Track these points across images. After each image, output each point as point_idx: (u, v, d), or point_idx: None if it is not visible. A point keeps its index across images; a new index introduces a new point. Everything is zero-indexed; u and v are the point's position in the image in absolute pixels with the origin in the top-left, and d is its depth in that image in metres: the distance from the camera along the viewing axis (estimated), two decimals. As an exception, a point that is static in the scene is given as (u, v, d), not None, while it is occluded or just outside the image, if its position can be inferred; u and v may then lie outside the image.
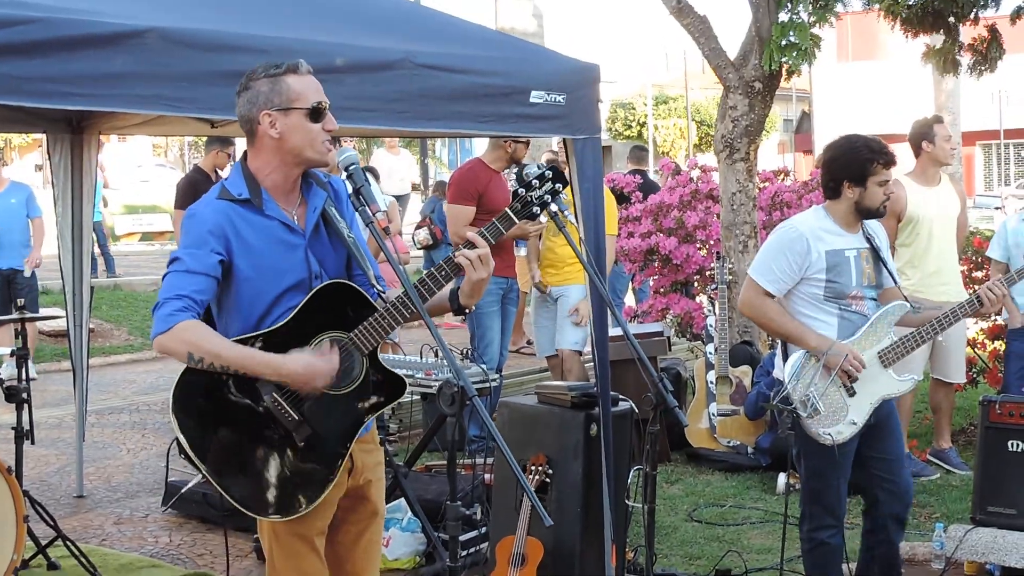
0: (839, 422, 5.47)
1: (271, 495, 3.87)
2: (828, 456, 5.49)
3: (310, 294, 3.91)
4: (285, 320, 3.88)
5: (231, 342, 3.79)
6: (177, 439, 3.82)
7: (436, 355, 7.39)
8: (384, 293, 4.01)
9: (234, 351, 3.76)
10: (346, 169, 3.95)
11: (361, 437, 4.03)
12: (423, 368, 7.19)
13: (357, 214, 4.00)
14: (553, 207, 4.10)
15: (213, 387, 3.80)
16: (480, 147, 48.60)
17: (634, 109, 49.45)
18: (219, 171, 11.30)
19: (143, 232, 32.50)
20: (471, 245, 3.92)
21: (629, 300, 13.58)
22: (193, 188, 11.62)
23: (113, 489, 8.71)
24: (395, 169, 17.74)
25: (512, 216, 3.98)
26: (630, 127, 49.31)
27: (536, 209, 4.01)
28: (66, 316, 8.47)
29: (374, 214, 3.90)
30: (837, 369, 5.39)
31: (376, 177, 11.71)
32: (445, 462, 8.28)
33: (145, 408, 11.52)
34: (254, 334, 3.85)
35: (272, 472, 3.87)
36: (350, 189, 3.96)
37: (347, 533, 4.17)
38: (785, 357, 5.60)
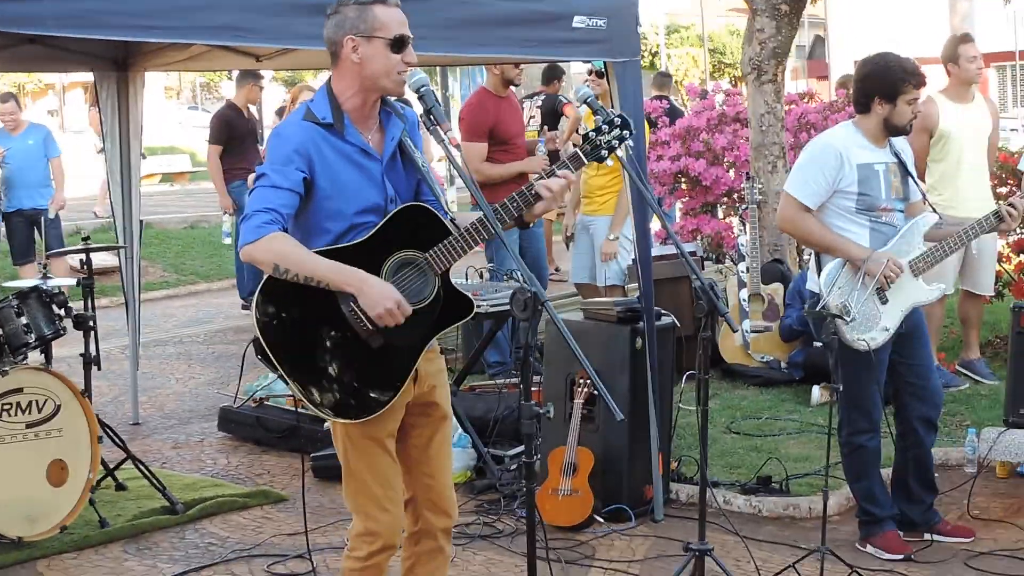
0: (872, 328, 5.71)
1: (343, 398, 4.10)
2: (863, 362, 5.73)
3: (390, 214, 4.14)
4: (364, 237, 4.11)
5: (315, 254, 4.01)
6: (256, 339, 4.03)
7: (481, 276, 7.63)
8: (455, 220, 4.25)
9: (319, 263, 3.99)
10: (417, 91, 4.17)
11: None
12: (469, 290, 7.37)
13: (431, 135, 4.21)
14: (620, 152, 4.33)
15: (295, 293, 4.01)
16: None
17: (646, 38, 49.33)
18: (251, 106, 11.52)
19: (163, 173, 32.70)
20: (550, 173, 4.15)
21: (655, 225, 13.76)
22: (227, 123, 11.88)
23: (167, 416, 9.00)
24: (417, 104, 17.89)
25: (583, 157, 4.22)
26: (643, 56, 49.22)
27: (604, 153, 4.23)
28: (117, 250, 8.74)
29: (445, 132, 4.13)
30: (879, 275, 5.61)
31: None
32: (488, 383, 8.57)
33: (188, 340, 11.81)
34: (333, 247, 4.08)
35: (345, 376, 4.10)
36: (421, 109, 4.18)
37: (419, 436, 4.40)
38: (819, 268, 5.82)
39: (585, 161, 4.22)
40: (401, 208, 4.16)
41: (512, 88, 9.38)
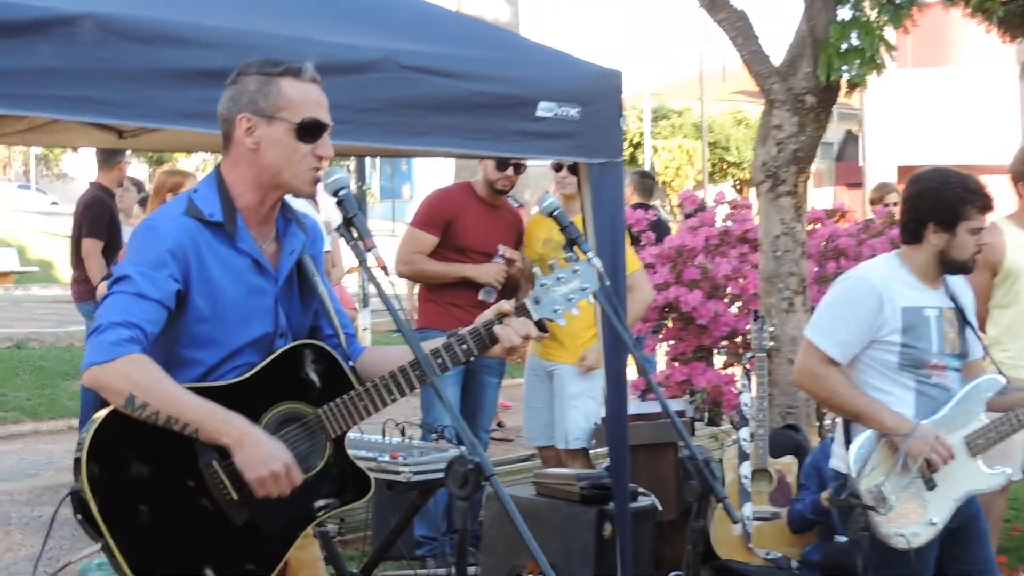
0: (915, 522, 5.77)
1: None
2: (903, 565, 5.76)
3: (276, 353, 4.20)
4: (240, 378, 4.16)
5: (184, 389, 4.02)
6: (77, 494, 4.01)
7: (403, 434, 7.65)
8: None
9: (189, 401, 3.99)
10: (335, 194, 4.23)
11: None
12: (387, 449, 7.42)
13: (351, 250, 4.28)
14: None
15: (142, 438, 4.02)
16: (422, 174, 48.10)
17: (626, 124, 49.81)
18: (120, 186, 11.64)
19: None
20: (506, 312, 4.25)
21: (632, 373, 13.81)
22: (109, 211, 11.88)
23: (-27, 602, 8.90)
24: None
25: (531, 313, 4.29)
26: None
27: (559, 309, 4.31)
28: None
29: (369, 250, 4.19)
30: (921, 458, 5.68)
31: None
32: (403, 572, 8.56)
33: (6, 498, 11.65)
34: (197, 385, 4.10)
35: (193, 559, 4.11)
36: (339, 219, 4.25)
37: None
38: (848, 441, 5.89)
39: (533, 318, 4.29)
40: (293, 346, 4.22)
41: (510, 199, 9.44)
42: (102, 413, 4.05)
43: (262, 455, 4.00)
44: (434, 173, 33.42)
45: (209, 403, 4.02)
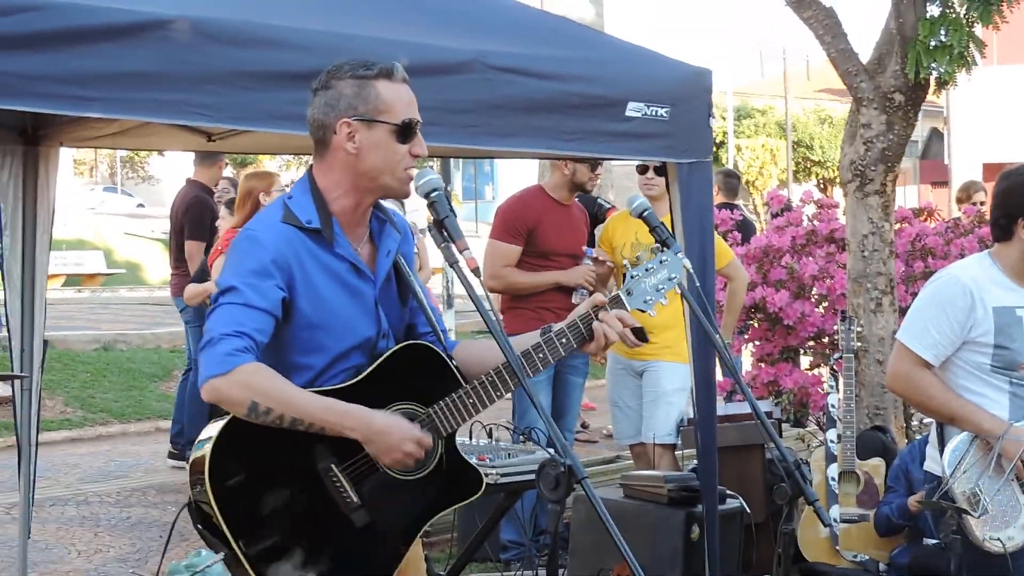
0: (1010, 525, 5.71)
1: None
2: (998, 569, 5.69)
3: (387, 354, 4.24)
4: (352, 380, 4.20)
5: (303, 390, 4.09)
6: (196, 504, 4.09)
7: (490, 435, 7.66)
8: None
9: (310, 400, 4.07)
10: (427, 196, 4.25)
11: None
12: (475, 451, 7.43)
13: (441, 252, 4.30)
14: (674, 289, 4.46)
15: (262, 446, 4.09)
16: (504, 175, 48.08)
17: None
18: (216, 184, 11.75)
19: (68, 274, 32.86)
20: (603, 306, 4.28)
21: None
22: (208, 210, 11.92)
23: (64, 603, 8.96)
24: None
25: (625, 303, 4.33)
26: (705, 148, 49.57)
27: (649, 300, 4.35)
28: (11, 379, 8.71)
29: (461, 252, 4.20)
30: (1016, 459, 5.63)
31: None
32: (489, 574, 8.56)
33: (95, 499, 11.73)
34: (312, 390, 4.15)
35: (317, 562, 4.15)
36: (428, 219, 4.27)
37: None
38: (942, 444, 5.84)
39: (628, 307, 4.31)
40: (402, 347, 4.25)
41: (601, 201, 9.46)
42: (218, 425, 4.11)
43: (392, 442, 4.08)
44: (517, 174, 33.42)
45: (329, 400, 4.08)
